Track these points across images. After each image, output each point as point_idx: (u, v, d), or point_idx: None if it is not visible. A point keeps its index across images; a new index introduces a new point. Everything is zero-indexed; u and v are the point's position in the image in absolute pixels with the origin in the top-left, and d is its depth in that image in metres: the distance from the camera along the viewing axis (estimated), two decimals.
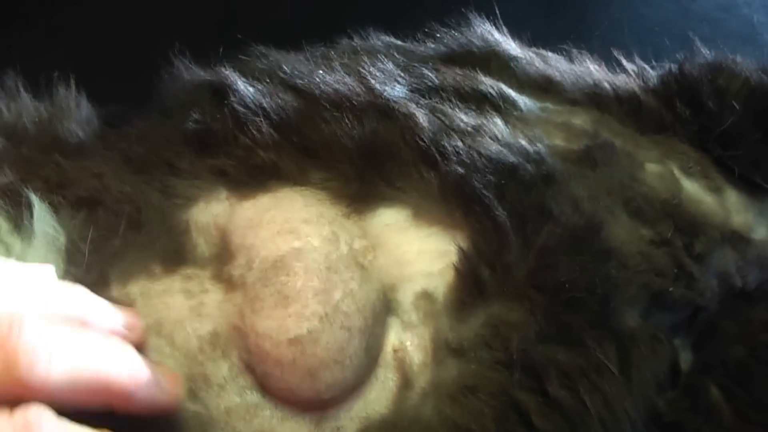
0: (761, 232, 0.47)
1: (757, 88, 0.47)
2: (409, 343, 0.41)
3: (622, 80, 0.50)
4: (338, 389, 0.39)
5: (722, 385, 0.44)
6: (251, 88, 0.45)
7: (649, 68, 0.52)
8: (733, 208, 0.47)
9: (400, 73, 0.47)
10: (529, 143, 0.44)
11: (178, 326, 0.40)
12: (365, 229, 0.42)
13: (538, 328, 0.40)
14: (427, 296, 0.41)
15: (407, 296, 0.41)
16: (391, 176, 0.43)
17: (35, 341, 0.31)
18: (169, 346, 0.40)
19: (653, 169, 0.46)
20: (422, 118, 0.44)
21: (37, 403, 0.31)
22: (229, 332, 0.40)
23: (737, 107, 0.47)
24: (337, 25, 0.53)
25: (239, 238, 0.41)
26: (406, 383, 0.40)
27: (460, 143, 0.43)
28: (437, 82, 0.47)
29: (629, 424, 0.41)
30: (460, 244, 0.41)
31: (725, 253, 0.45)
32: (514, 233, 0.41)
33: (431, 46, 0.51)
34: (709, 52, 0.50)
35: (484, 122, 0.45)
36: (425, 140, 0.43)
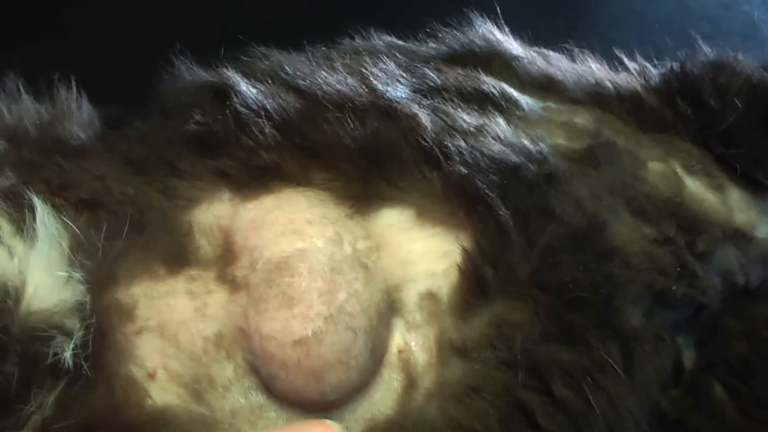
0: (764, 229, 0.47)
1: (758, 86, 0.47)
2: (413, 343, 0.41)
3: (623, 79, 0.50)
4: (343, 390, 0.39)
5: (725, 382, 0.44)
6: (253, 88, 0.45)
7: (650, 66, 0.52)
8: (735, 206, 0.47)
9: (402, 73, 0.47)
10: (531, 143, 0.44)
11: (182, 327, 0.40)
12: (368, 229, 0.42)
13: (541, 327, 0.40)
14: (431, 296, 0.41)
15: (411, 296, 0.41)
16: (393, 176, 0.43)
17: None
18: (173, 347, 0.40)
19: (655, 167, 0.46)
20: (425, 118, 0.44)
21: None
22: (233, 333, 0.40)
23: (739, 105, 0.47)
24: (338, 25, 0.53)
25: (242, 239, 0.41)
26: (410, 384, 0.40)
27: (462, 143, 0.43)
28: (439, 82, 0.47)
29: (633, 423, 0.41)
30: (463, 244, 0.41)
31: (728, 251, 0.46)
32: (517, 233, 0.41)
33: (433, 45, 0.51)
34: (709, 49, 0.51)
35: (486, 122, 0.45)
36: (428, 140, 0.43)
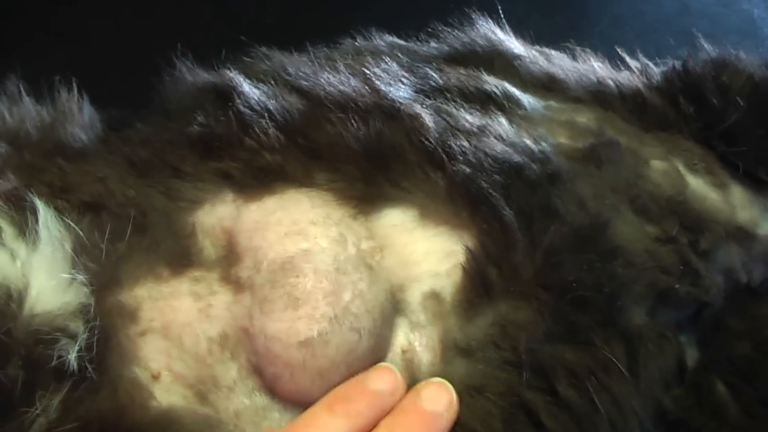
0: (766, 227, 0.47)
1: (760, 84, 0.47)
2: (417, 343, 0.41)
3: (625, 77, 0.50)
4: None
5: (728, 381, 0.44)
6: (256, 89, 0.45)
7: (652, 65, 0.52)
8: (738, 203, 0.47)
9: (404, 74, 0.47)
10: (533, 143, 0.44)
11: (186, 328, 0.40)
12: (372, 230, 0.42)
13: (545, 327, 0.40)
14: (434, 296, 0.41)
15: (415, 296, 0.41)
16: (396, 177, 0.43)
17: None
18: (177, 348, 0.40)
19: (658, 166, 0.46)
20: (427, 118, 0.44)
21: None
22: (237, 334, 0.40)
23: (741, 103, 0.47)
24: (339, 25, 0.53)
25: (246, 240, 0.41)
26: (415, 383, 0.40)
27: (465, 143, 0.43)
28: (441, 82, 0.47)
29: (638, 422, 0.41)
30: (466, 244, 0.41)
31: (730, 249, 0.46)
32: (520, 233, 0.41)
33: (434, 45, 0.51)
34: (711, 47, 0.50)
35: (488, 122, 0.45)
36: (431, 141, 0.43)
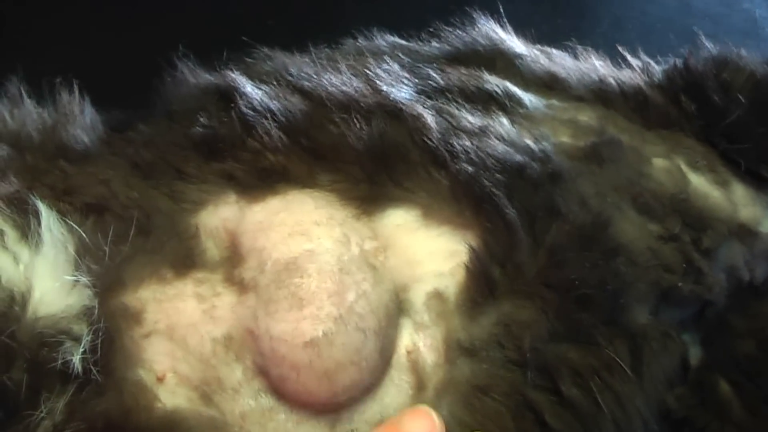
0: None
1: (762, 81, 0.47)
2: (421, 344, 0.41)
3: (627, 76, 0.50)
4: (354, 391, 0.39)
5: (732, 379, 0.44)
6: (259, 90, 0.45)
7: (653, 64, 0.52)
8: (740, 201, 0.47)
9: (405, 74, 0.47)
10: (534, 142, 0.44)
11: (190, 330, 0.40)
12: (375, 230, 0.42)
13: (549, 326, 0.40)
14: (438, 296, 0.41)
15: (419, 296, 0.41)
16: (399, 177, 0.43)
17: None
18: (181, 350, 0.40)
19: (660, 164, 0.46)
20: (430, 119, 0.44)
21: None
22: (242, 335, 0.40)
23: (743, 101, 0.47)
24: (341, 25, 0.53)
25: (250, 240, 0.41)
26: (419, 384, 0.40)
27: (468, 143, 0.43)
28: (443, 82, 0.47)
29: (642, 422, 0.41)
30: (470, 243, 0.41)
31: (733, 246, 0.46)
32: (523, 232, 0.41)
33: (436, 45, 0.51)
34: (712, 46, 0.51)
35: (490, 122, 0.45)
36: (433, 141, 0.43)
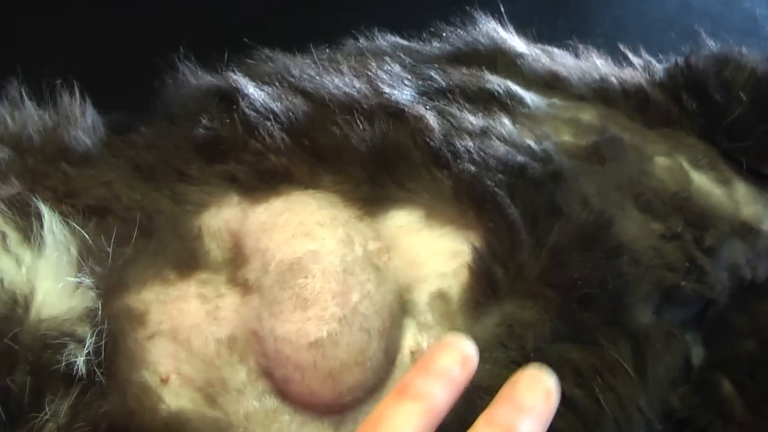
0: None
1: (763, 79, 0.47)
2: (425, 344, 0.41)
3: (628, 75, 0.50)
4: (359, 391, 0.39)
5: (734, 379, 0.44)
6: (261, 92, 0.45)
7: (655, 62, 0.52)
8: (742, 199, 0.47)
9: (407, 75, 0.47)
10: (536, 142, 0.44)
11: (194, 331, 0.40)
12: (378, 231, 0.42)
13: (552, 326, 0.40)
14: (441, 296, 0.41)
15: (422, 297, 0.41)
16: (402, 178, 0.43)
17: None
18: (185, 351, 0.40)
19: (662, 162, 0.46)
20: (431, 120, 0.44)
21: None
22: (246, 336, 0.40)
23: (744, 99, 0.47)
24: (341, 25, 0.53)
25: (253, 241, 0.41)
26: None
27: (470, 144, 0.43)
28: (444, 83, 0.47)
29: (644, 422, 0.41)
30: (472, 243, 0.41)
31: (735, 245, 0.45)
32: (526, 232, 0.41)
33: (437, 45, 0.51)
34: (714, 45, 0.51)
35: (491, 122, 0.45)
36: (435, 142, 0.43)
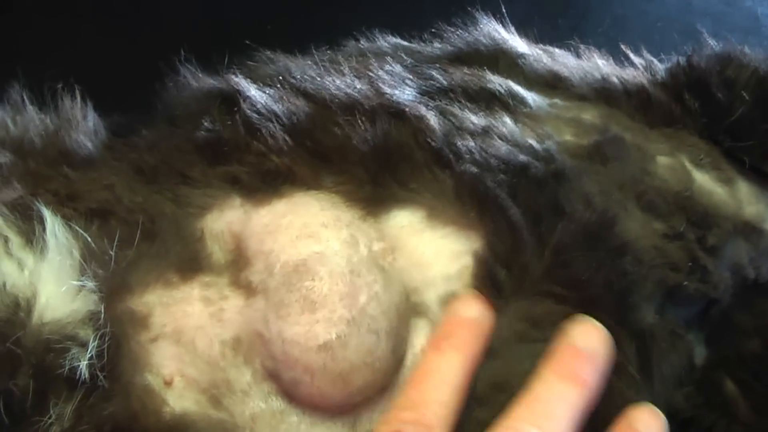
0: None
1: (766, 78, 0.47)
2: None
3: (630, 74, 0.50)
4: (369, 392, 0.39)
5: (738, 378, 0.44)
6: (263, 94, 0.45)
7: (656, 62, 0.52)
8: (744, 198, 0.46)
9: (408, 75, 0.47)
10: (538, 141, 0.44)
11: (198, 333, 0.40)
12: (382, 231, 0.42)
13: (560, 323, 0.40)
14: (451, 297, 0.41)
15: (431, 297, 0.41)
16: (404, 178, 0.43)
17: None
18: (189, 353, 0.40)
19: (664, 161, 0.46)
20: (433, 120, 0.44)
21: None
22: (250, 338, 0.40)
23: (746, 98, 0.47)
24: (342, 26, 0.53)
25: (256, 243, 0.41)
26: None
27: (471, 143, 0.43)
28: (445, 83, 0.47)
29: None
30: (475, 244, 0.41)
31: (738, 244, 0.45)
32: (528, 232, 0.41)
33: (438, 46, 0.51)
34: (715, 44, 0.51)
35: (493, 122, 0.45)
36: (437, 142, 0.43)
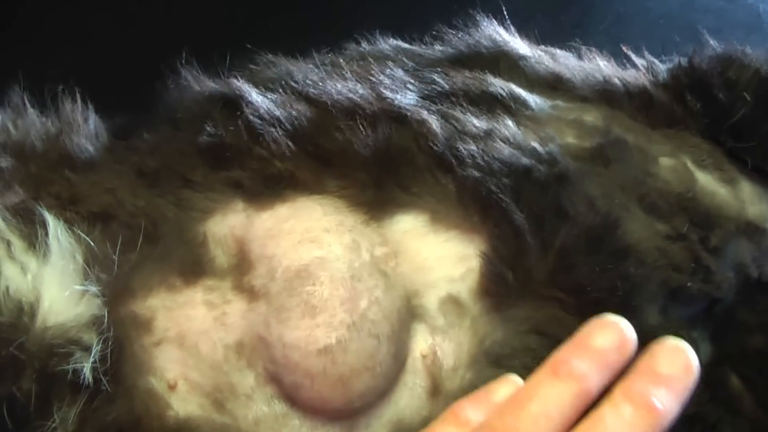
0: None
1: (767, 78, 0.47)
2: (438, 348, 0.41)
3: (631, 75, 0.50)
4: (370, 396, 0.39)
5: (742, 374, 0.44)
6: (265, 98, 0.45)
7: (658, 62, 0.52)
8: (747, 198, 0.46)
9: (410, 79, 0.47)
10: (540, 144, 0.44)
11: (202, 337, 0.40)
12: (385, 235, 0.42)
13: (564, 331, 0.40)
14: (452, 301, 0.41)
15: (432, 302, 0.41)
16: (406, 182, 0.43)
17: None
18: (193, 357, 0.40)
19: (667, 163, 0.46)
20: (435, 123, 0.44)
21: None
22: (253, 342, 0.40)
23: (748, 98, 0.47)
24: (343, 29, 0.53)
25: (259, 248, 0.41)
26: (435, 388, 0.40)
27: (473, 147, 0.43)
28: (447, 87, 0.47)
29: None
30: (479, 248, 0.41)
31: (741, 244, 0.45)
32: (531, 236, 0.41)
33: (439, 48, 0.51)
34: (716, 43, 0.50)
35: (495, 125, 0.45)
36: (439, 145, 0.43)
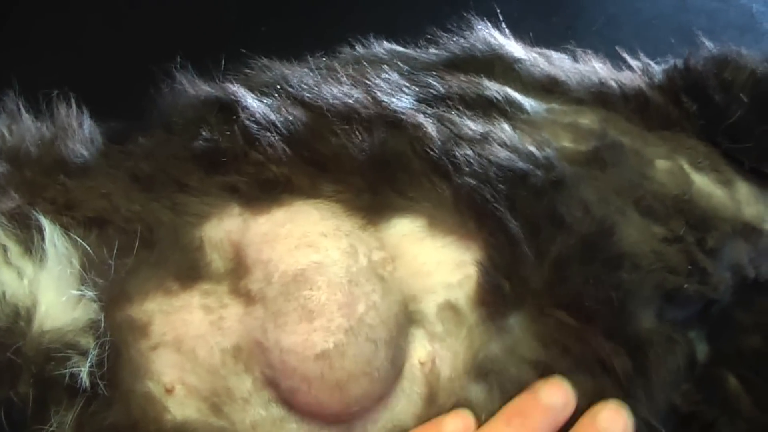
0: None
1: (763, 79, 0.47)
2: (435, 355, 0.41)
3: (627, 77, 0.50)
4: (367, 401, 0.39)
5: (739, 374, 0.44)
6: (261, 103, 0.45)
7: (653, 64, 0.52)
8: (743, 199, 0.47)
9: (405, 83, 0.47)
10: (537, 148, 0.44)
11: (199, 341, 0.40)
12: (382, 240, 0.42)
13: (561, 342, 0.40)
14: (450, 307, 0.41)
15: (431, 308, 0.41)
16: (403, 187, 0.43)
17: None
18: (190, 361, 0.40)
19: (663, 165, 0.46)
20: (430, 128, 0.44)
21: None
22: (250, 346, 0.40)
23: (744, 100, 0.47)
24: (336, 31, 0.53)
25: (255, 252, 0.41)
26: (432, 395, 0.40)
27: (469, 151, 0.43)
28: (443, 90, 0.47)
29: (647, 430, 0.41)
30: (475, 255, 0.41)
31: (737, 245, 0.45)
32: (527, 244, 0.41)
33: (434, 52, 0.51)
34: (711, 44, 0.51)
35: (491, 129, 0.45)
36: (435, 150, 0.43)
